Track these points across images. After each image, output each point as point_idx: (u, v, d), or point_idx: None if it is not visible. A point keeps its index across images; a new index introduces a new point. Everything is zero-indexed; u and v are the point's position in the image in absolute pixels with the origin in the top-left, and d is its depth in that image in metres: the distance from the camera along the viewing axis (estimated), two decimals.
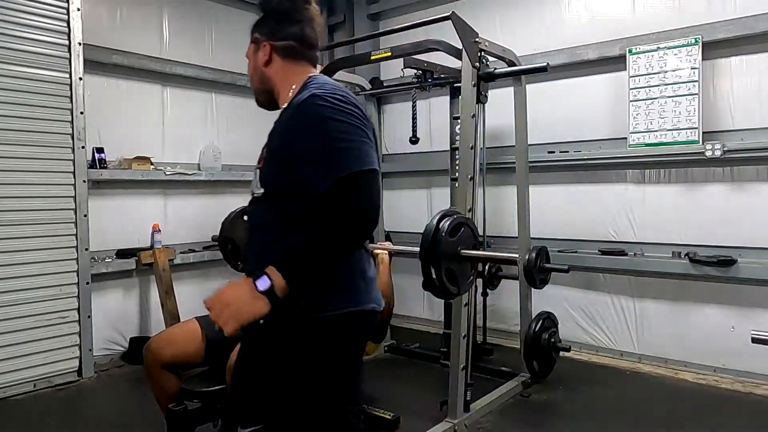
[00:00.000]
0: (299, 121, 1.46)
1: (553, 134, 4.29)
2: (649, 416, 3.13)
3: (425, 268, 2.41)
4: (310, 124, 1.43)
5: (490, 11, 4.63)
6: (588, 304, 4.27)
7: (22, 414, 3.19)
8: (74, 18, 3.64)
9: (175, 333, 2.53)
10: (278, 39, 1.62)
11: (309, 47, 1.62)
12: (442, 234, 2.41)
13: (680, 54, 3.67)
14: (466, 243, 2.52)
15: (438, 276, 2.41)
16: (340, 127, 1.40)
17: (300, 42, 1.61)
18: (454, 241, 2.46)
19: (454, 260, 2.48)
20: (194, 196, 4.69)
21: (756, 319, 3.55)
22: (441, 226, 2.42)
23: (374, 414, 2.98)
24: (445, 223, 2.44)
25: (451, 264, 2.46)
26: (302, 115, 1.45)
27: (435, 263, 2.40)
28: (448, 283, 2.45)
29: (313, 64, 1.64)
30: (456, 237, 2.47)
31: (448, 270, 2.45)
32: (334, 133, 1.39)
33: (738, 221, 3.62)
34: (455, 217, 2.50)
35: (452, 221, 2.46)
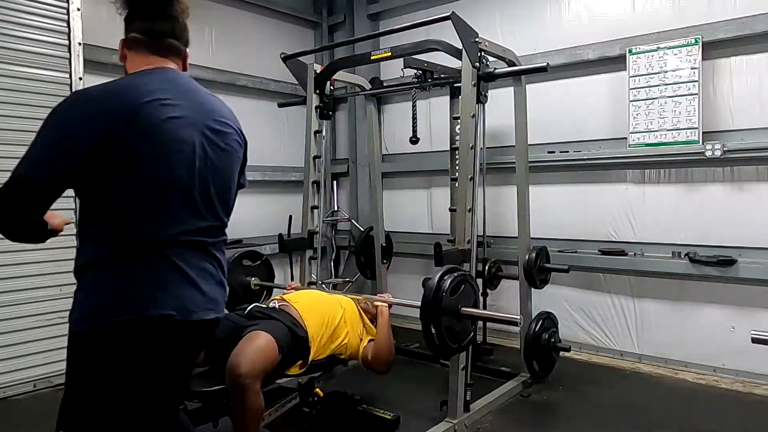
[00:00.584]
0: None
1: (553, 134, 4.29)
2: (649, 416, 3.13)
3: (426, 327, 2.41)
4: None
5: (490, 11, 4.63)
6: (588, 304, 4.27)
7: (22, 414, 3.19)
8: (74, 18, 3.64)
9: None
10: (127, 32, 1.58)
11: (157, 38, 1.57)
12: (443, 293, 2.41)
13: (680, 54, 3.67)
14: (466, 300, 2.52)
15: (438, 334, 2.41)
16: (47, 122, 1.41)
17: (147, 34, 1.56)
18: (455, 299, 2.46)
19: (454, 318, 2.47)
20: None
21: (756, 319, 3.55)
22: (442, 285, 2.42)
23: (374, 414, 2.99)
24: (446, 282, 2.44)
25: (451, 322, 2.46)
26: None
27: (436, 322, 2.40)
28: (449, 340, 2.46)
29: (159, 53, 1.57)
30: (457, 295, 2.47)
31: (449, 328, 2.46)
32: (41, 128, 1.40)
33: (738, 221, 3.62)
34: (456, 275, 2.49)
35: (453, 279, 2.46)
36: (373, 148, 4.51)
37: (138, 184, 1.44)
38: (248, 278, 3.50)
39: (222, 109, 1.68)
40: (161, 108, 1.46)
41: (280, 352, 2.35)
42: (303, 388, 2.91)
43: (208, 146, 1.56)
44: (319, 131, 3.96)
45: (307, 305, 2.74)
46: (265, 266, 3.62)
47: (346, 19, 5.60)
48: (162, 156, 1.46)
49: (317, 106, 3.93)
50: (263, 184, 5.19)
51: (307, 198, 3.86)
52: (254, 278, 3.51)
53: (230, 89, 4.96)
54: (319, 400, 2.95)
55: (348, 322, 2.80)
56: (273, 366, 2.35)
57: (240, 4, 5.03)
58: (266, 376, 2.33)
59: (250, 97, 5.15)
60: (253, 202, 5.15)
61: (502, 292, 4.13)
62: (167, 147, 1.46)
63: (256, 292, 3.51)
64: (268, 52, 5.07)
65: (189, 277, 1.51)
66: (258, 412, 2.27)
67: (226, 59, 4.89)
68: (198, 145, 1.53)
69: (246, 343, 2.31)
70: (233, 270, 3.43)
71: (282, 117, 5.29)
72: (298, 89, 4.35)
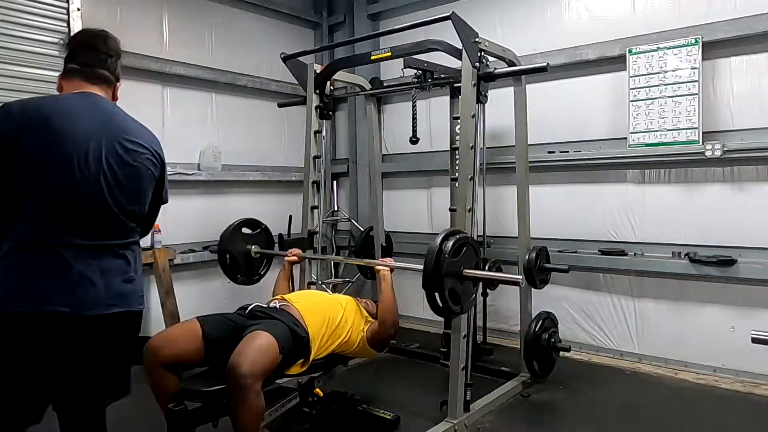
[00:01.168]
0: None
1: (553, 134, 4.29)
2: (648, 416, 3.13)
3: (428, 290, 2.42)
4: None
5: (490, 11, 4.63)
6: (588, 304, 4.27)
7: None
8: (74, 18, 3.64)
9: (175, 333, 2.53)
10: (66, 66, 1.88)
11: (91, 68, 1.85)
12: (445, 255, 2.41)
13: (680, 54, 3.67)
14: (468, 263, 2.53)
15: (441, 296, 2.42)
16: None
17: (82, 65, 1.85)
18: (456, 262, 2.47)
19: (457, 280, 2.48)
20: (194, 196, 4.69)
21: (756, 319, 3.55)
22: (444, 247, 2.43)
23: (374, 414, 2.99)
24: (448, 244, 2.44)
25: (454, 284, 2.47)
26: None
27: (438, 284, 2.41)
28: (452, 302, 2.46)
29: (89, 80, 1.84)
30: (459, 257, 2.47)
31: (452, 290, 2.46)
32: None
33: (738, 221, 3.62)
34: (458, 237, 2.50)
35: (455, 242, 2.46)
36: (373, 148, 4.51)
37: (40, 189, 1.66)
38: (248, 246, 3.49)
39: (137, 131, 1.88)
40: (68, 122, 1.70)
41: (281, 352, 2.35)
42: (303, 388, 2.91)
43: (114, 161, 1.77)
44: (319, 131, 3.96)
45: (308, 305, 2.75)
46: (265, 234, 3.62)
47: (346, 19, 5.60)
48: (66, 168, 1.67)
49: (317, 106, 3.93)
50: (263, 184, 5.19)
51: (307, 198, 3.86)
52: (254, 246, 3.50)
53: (230, 89, 4.97)
54: (319, 400, 2.95)
55: (349, 320, 2.80)
56: (274, 366, 2.35)
57: (240, 4, 5.03)
58: (267, 376, 2.33)
59: (250, 97, 5.15)
60: (253, 202, 5.15)
61: (502, 292, 4.13)
62: (70, 159, 1.67)
63: (257, 260, 3.51)
64: (268, 52, 5.08)
65: (86, 276, 1.68)
66: (258, 412, 2.28)
67: (226, 59, 4.89)
68: (104, 159, 1.74)
69: (247, 343, 2.31)
70: (233, 238, 3.44)
71: (282, 117, 5.29)
72: (298, 89, 4.35)
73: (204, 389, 2.32)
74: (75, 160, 1.68)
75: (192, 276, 4.62)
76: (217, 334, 2.48)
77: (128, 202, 1.81)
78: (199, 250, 4.61)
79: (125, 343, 1.86)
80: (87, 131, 1.72)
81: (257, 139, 5.22)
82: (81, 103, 1.77)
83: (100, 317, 1.70)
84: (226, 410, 2.28)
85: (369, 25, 5.43)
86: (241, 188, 5.06)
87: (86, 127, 1.72)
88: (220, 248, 3.42)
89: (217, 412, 2.35)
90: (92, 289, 1.69)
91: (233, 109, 5.02)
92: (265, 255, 3.56)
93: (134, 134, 1.86)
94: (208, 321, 2.54)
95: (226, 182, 4.85)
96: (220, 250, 3.42)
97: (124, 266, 1.80)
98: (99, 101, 1.82)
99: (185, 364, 2.45)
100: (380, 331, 2.82)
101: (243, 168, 4.99)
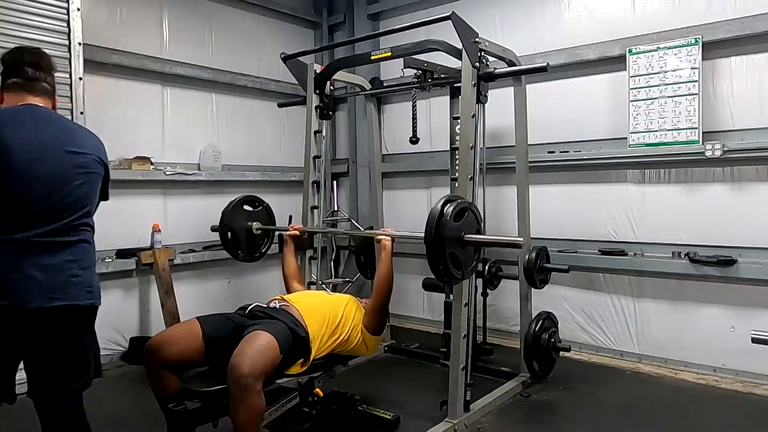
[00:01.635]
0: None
1: (553, 134, 4.29)
2: (649, 416, 3.13)
3: (430, 252, 2.41)
4: None
5: (490, 11, 4.63)
6: (588, 304, 4.27)
7: (22, 414, 3.19)
8: (74, 18, 3.64)
9: (175, 333, 2.53)
10: (5, 80, 2.03)
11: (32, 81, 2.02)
12: (446, 218, 2.40)
13: (680, 54, 3.67)
14: (470, 228, 2.52)
15: (442, 260, 2.41)
16: None
17: (24, 79, 2.01)
18: (458, 226, 2.46)
19: (458, 244, 2.48)
20: (194, 196, 4.69)
21: (756, 319, 3.55)
22: (445, 210, 2.42)
23: (374, 414, 2.99)
24: (449, 208, 2.44)
25: (455, 248, 2.46)
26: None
27: (440, 247, 2.40)
28: (453, 267, 2.45)
29: (32, 93, 2.01)
30: (460, 222, 2.47)
31: (453, 254, 2.45)
32: None
33: (738, 221, 3.62)
34: (459, 202, 2.50)
35: (456, 206, 2.46)
36: (373, 148, 4.51)
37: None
38: (250, 223, 3.51)
39: (80, 138, 2.05)
40: (17, 132, 1.85)
41: (281, 352, 2.35)
42: (303, 388, 2.91)
43: (62, 165, 1.93)
44: (319, 131, 3.96)
45: (308, 305, 2.75)
46: (266, 211, 3.65)
47: (346, 19, 5.60)
48: (19, 172, 1.82)
49: (317, 106, 3.93)
50: (263, 184, 5.18)
51: (307, 198, 3.86)
52: (256, 222, 3.52)
53: (230, 89, 4.97)
54: (319, 400, 2.95)
55: (349, 319, 2.80)
56: (274, 366, 2.35)
57: (240, 4, 5.03)
58: (268, 376, 2.33)
59: (250, 97, 5.15)
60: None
61: (502, 292, 4.12)
62: (20, 165, 1.82)
63: (258, 236, 3.52)
64: (268, 52, 5.08)
65: (29, 272, 1.83)
66: (259, 412, 2.28)
67: (226, 59, 4.89)
68: (53, 163, 1.90)
69: (247, 343, 2.31)
70: (234, 215, 3.46)
71: (282, 117, 5.29)
72: (298, 89, 4.36)
73: (204, 389, 2.33)
74: (27, 165, 1.84)
75: (192, 276, 4.62)
76: (217, 334, 2.49)
77: (77, 203, 1.97)
78: (199, 250, 4.62)
79: (75, 334, 1.97)
80: (36, 138, 1.89)
81: (257, 139, 5.22)
82: (27, 115, 1.94)
83: (41, 310, 1.84)
84: (226, 410, 2.28)
85: (369, 25, 5.43)
86: (241, 188, 5.03)
87: (34, 134, 1.89)
88: (222, 224, 3.44)
89: (217, 412, 2.36)
90: (32, 282, 1.82)
91: (233, 109, 5.02)
92: (267, 231, 3.57)
93: (76, 141, 2.02)
94: (208, 321, 2.54)
95: (226, 182, 4.85)
96: (222, 226, 3.44)
97: (70, 262, 1.93)
98: (42, 112, 2.00)
99: (185, 364, 2.45)
100: (374, 301, 2.83)
101: (243, 168, 5.00)
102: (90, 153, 2.03)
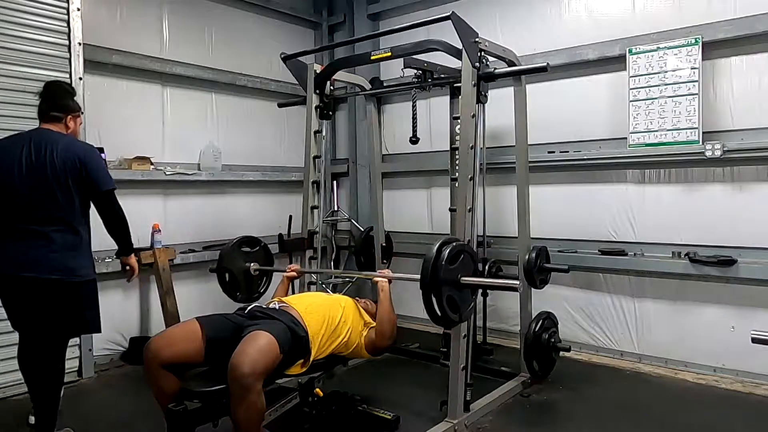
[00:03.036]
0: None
1: (553, 134, 4.29)
2: (649, 416, 3.13)
3: (426, 297, 2.41)
4: None
5: (490, 11, 4.63)
6: (588, 304, 4.27)
7: (22, 414, 3.19)
8: (74, 18, 3.64)
9: (175, 333, 2.53)
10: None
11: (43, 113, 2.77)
12: (442, 262, 2.40)
13: (680, 54, 3.67)
14: (466, 270, 2.51)
15: (439, 305, 2.40)
16: None
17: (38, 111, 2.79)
18: (454, 269, 2.45)
19: (454, 288, 2.47)
20: (194, 196, 4.69)
21: (756, 319, 3.55)
22: (441, 254, 2.41)
23: (374, 414, 2.99)
24: (445, 251, 2.43)
25: (451, 292, 2.45)
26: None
27: (436, 292, 2.40)
28: (450, 310, 2.45)
29: (44, 121, 2.76)
30: (456, 264, 2.46)
31: (449, 298, 2.45)
32: None
33: (738, 221, 3.62)
34: (455, 245, 2.49)
35: (452, 249, 2.45)
36: (373, 148, 4.51)
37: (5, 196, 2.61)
38: (248, 264, 3.49)
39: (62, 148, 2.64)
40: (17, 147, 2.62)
41: (281, 352, 2.35)
42: (303, 388, 2.91)
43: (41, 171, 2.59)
44: (319, 131, 3.96)
45: (307, 305, 2.75)
46: (263, 251, 3.62)
47: (346, 19, 5.60)
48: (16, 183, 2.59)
49: (317, 106, 3.93)
50: (263, 184, 5.19)
51: (307, 198, 3.86)
52: (254, 264, 3.51)
53: (230, 89, 4.97)
54: (319, 400, 2.95)
55: (348, 320, 2.80)
56: (274, 365, 2.35)
57: (240, 4, 5.04)
58: (267, 376, 2.33)
59: (250, 97, 5.16)
60: (253, 202, 5.16)
61: (503, 292, 4.13)
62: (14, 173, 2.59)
63: (256, 277, 3.51)
64: (268, 52, 5.08)
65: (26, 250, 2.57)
66: (259, 412, 2.28)
67: (226, 59, 4.90)
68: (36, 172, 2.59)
69: (247, 343, 2.31)
70: (232, 256, 3.44)
71: (282, 117, 5.29)
72: (298, 89, 4.36)
73: (204, 389, 2.32)
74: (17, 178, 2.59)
75: (192, 276, 4.62)
76: (217, 334, 2.49)
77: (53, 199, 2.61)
78: (199, 250, 4.62)
79: (56, 298, 2.61)
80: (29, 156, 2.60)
81: (257, 139, 5.22)
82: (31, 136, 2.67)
83: (30, 278, 2.56)
84: (226, 410, 2.28)
85: (369, 25, 5.43)
86: (241, 188, 5.06)
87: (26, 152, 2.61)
88: (219, 267, 3.42)
89: (217, 412, 2.35)
90: (26, 258, 2.56)
91: (233, 109, 5.02)
92: (265, 272, 3.56)
93: (59, 152, 2.61)
94: (208, 321, 2.54)
95: (226, 182, 4.86)
96: (219, 269, 3.42)
97: (48, 244, 2.58)
98: (45, 134, 2.69)
99: (185, 364, 2.45)
100: (377, 341, 2.82)
101: (243, 168, 5.00)
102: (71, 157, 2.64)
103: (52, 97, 2.76)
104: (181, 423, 2.26)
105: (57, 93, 2.79)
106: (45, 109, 2.74)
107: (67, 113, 2.77)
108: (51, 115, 2.73)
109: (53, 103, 2.75)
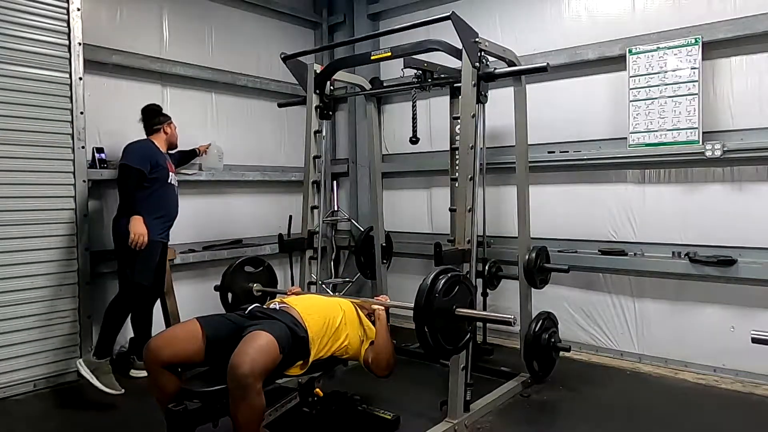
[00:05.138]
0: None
1: (553, 134, 4.29)
2: (649, 416, 3.13)
3: (419, 329, 2.36)
4: None
5: (490, 11, 4.63)
6: (588, 304, 4.27)
7: (22, 414, 3.19)
8: (74, 18, 3.64)
9: (175, 333, 2.53)
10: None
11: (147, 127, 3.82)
12: (436, 294, 2.36)
13: (680, 54, 3.67)
14: (461, 301, 2.48)
15: (432, 336, 2.37)
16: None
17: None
18: (448, 300, 2.42)
19: (449, 320, 2.43)
20: (195, 196, 4.69)
21: (756, 319, 3.55)
22: (436, 285, 2.38)
23: (374, 414, 2.99)
24: (440, 282, 2.40)
25: (445, 323, 2.42)
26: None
27: (429, 324, 2.36)
28: (444, 342, 2.42)
29: (150, 134, 3.81)
30: (451, 296, 2.43)
31: (443, 329, 2.40)
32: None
33: (738, 221, 3.62)
34: (450, 275, 2.46)
35: (447, 279, 2.42)
36: (373, 148, 4.51)
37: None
38: (250, 284, 3.51)
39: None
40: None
41: (281, 352, 2.35)
42: (303, 388, 2.91)
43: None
44: (319, 131, 3.96)
45: (307, 306, 2.75)
46: (267, 272, 3.64)
47: (346, 19, 5.59)
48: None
49: (317, 106, 3.93)
50: (263, 184, 5.19)
51: (307, 198, 3.87)
52: (256, 284, 3.52)
53: (230, 89, 4.97)
54: (319, 400, 2.95)
55: (348, 323, 2.80)
56: (274, 365, 2.35)
57: (240, 4, 5.03)
58: (267, 376, 2.33)
59: (250, 97, 5.15)
60: (253, 202, 5.16)
61: (502, 292, 4.13)
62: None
63: (258, 298, 3.53)
64: (268, 52, 5.08)
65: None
66: (259, 412, 2.28)
67: (226, 59, 4.89)
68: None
69: (247, 342, 2.31)
70: (235, 277, 3.45)
71: (282, 117, 5.29)
72: (298, 89, 4.36)
73: (204, 389, 2.33)
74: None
75: (192, 276, 4.62)
76: (217, 334, 2.48)
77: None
78: (199, 250, 4.62)
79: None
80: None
81: (257, 139, 5.22)
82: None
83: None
84: (226, 410, 2.28)
85: (369, 25, 5.43)
86: (241, 188, 5.06)
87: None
88: (222, 287, 3.43)
89: (217, 412, 2.36)
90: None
91: (233, 109, 5.02)
92: (267, 293, 3.57)
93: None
94: (208, 321, 2.54)
95: (226, 182, 4.85)
96: (222, 289, 3.44)
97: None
98: (145, 143, 3.74)
99: (185, 364, 2.45)
100: (374, 369, 2.80)
101: (243, 168, 5.00)
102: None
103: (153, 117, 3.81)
104: (181, 423, 2.26)
105: (149, 114, 3.82)
106: (154, 123, 3.78)
107: (161, 124, 3.81)
108: (155, 128, 3.78)
109: (159, 118, 3.82)
